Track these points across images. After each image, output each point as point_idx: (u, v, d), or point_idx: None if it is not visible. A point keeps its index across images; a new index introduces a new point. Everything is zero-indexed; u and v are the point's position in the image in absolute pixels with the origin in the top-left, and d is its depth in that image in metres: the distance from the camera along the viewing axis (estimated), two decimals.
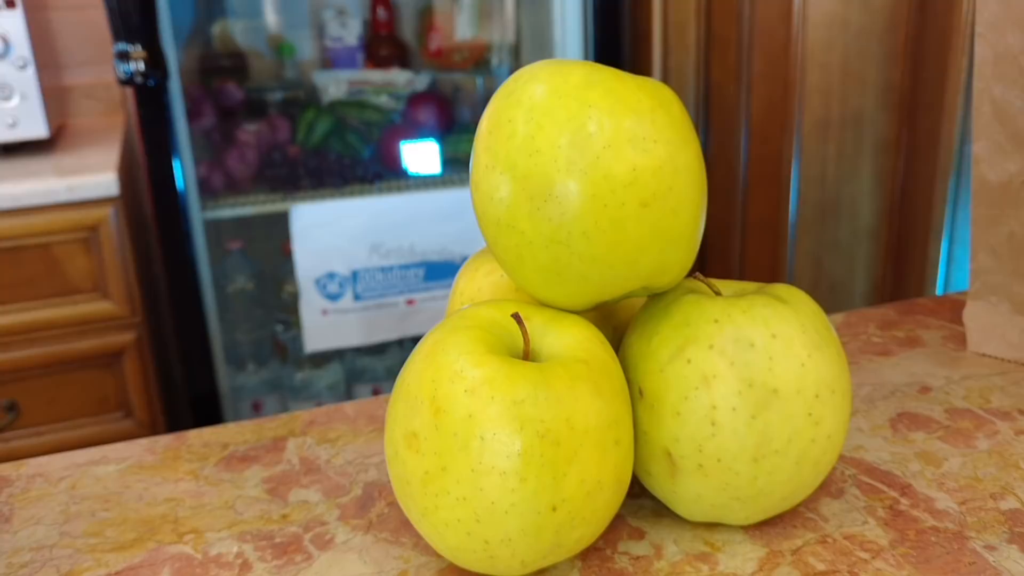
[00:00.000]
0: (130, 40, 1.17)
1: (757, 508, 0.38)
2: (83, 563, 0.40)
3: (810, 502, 0.42)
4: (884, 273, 1.19)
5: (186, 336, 1.43)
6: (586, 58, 1.49)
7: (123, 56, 1.17)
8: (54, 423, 1.38)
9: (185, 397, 1.47)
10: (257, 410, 1.66)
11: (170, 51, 1.32)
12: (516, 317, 0.36)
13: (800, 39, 1.13)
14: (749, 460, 0.36)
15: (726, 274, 1.39)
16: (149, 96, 1.24)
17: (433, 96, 1.67)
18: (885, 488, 0.43)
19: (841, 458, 0.45)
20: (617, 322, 0.43)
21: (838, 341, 0.39)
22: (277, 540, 0.41)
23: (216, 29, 1.61)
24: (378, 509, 0.43)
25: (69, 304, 1.34)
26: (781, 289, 0.39)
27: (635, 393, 0.38)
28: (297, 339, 1.61)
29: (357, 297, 1.49)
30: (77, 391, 1.38)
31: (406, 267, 1.50)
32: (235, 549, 0.40)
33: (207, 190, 1.52)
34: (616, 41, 1.47)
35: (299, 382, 1.67)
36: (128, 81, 1.19)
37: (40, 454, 0.49)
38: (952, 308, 0.62)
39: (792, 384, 0.36)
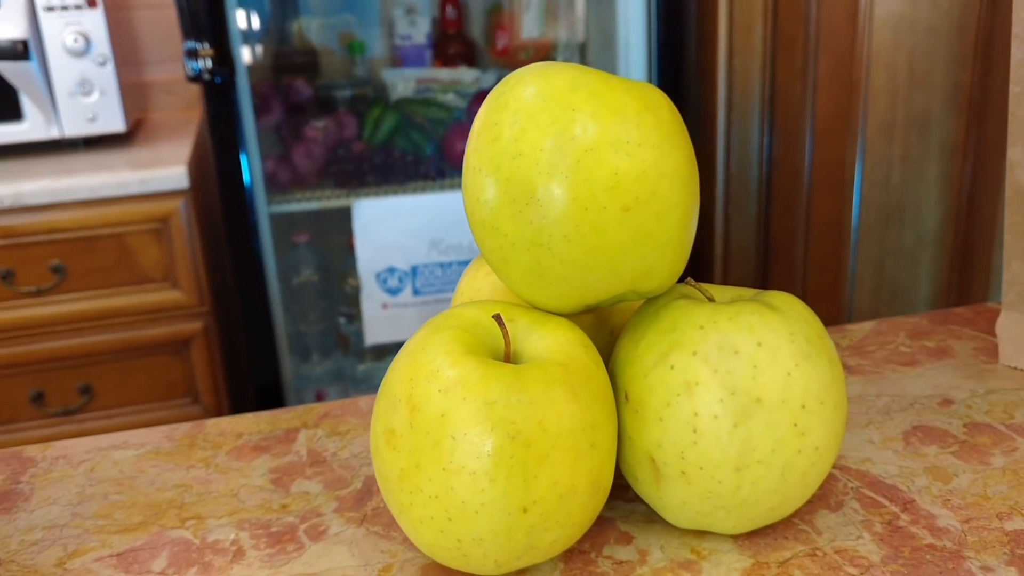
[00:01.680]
0: (199, 38, 1.21)
1: (743, 518, 0.38)
2: (89, 543, 0.41)
3: (806, 513, 0.41)
4: (949, 280, 1.15)
5: (252, 326, 1.46)
6: (650, 59, 1.48)
7: (192, 54, 1.21)
8: (125, 406, 1.44)
9: (250, 385, 1.52)
10: (320, 399, 1.70)
11: (240, 49, 1.36)
12: (497, 318, 0.36)
13: (866, 39, 1.10)
14: (731, 469, 0.36)
15: (788, 278, 1.37)
16: (217, 93, 1.28)
17: None
18: (886, 503, 0.41)
19: (845, 470, 0.44)
20: (613, 326, 0.43)
21: (832, 351, 0.38)
22: (273, 529, 0.42)
23: (292, 27, 1.65)
24: (374, 503, 0.43)
25: (140, 292, 1.39)
26: (776, 297, 0.38)
27: (621, 397, 0.38)
28: (360, 331, 1.64)
29: (416, 292, 1.51)
30: (147, 376, 1.44)
31: (464, 263, 1.51)
32: (232, 536, 0.41)
33: (274, 184, 1.56)
34: (680, 41, 1.46)
35: (361, 373, 1.70)
36: (196, 78, 1.23)
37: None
38: (989, 318, 0.60)
39: (776, 393, 0.36)
